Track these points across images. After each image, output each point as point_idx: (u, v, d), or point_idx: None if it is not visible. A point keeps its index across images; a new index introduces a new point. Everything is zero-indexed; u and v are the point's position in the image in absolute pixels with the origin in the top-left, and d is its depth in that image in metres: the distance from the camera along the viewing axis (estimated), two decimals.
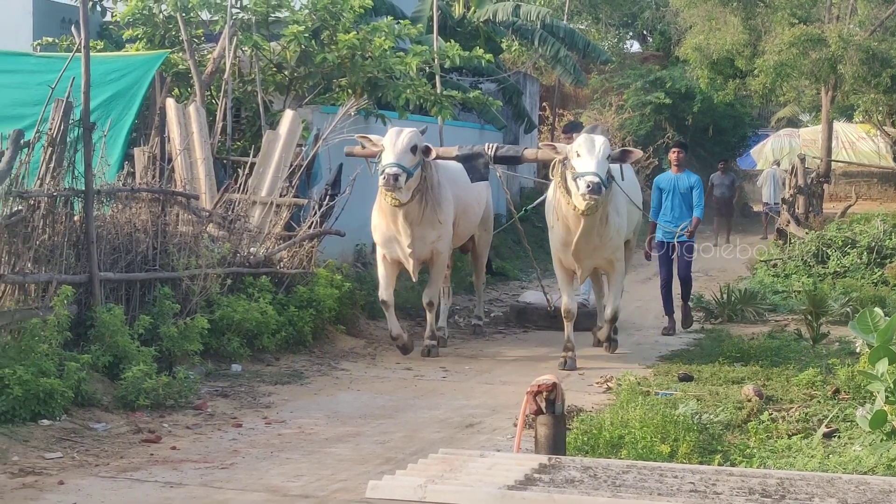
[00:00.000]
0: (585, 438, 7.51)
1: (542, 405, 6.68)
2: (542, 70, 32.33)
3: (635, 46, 40.97)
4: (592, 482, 4.62)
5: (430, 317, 12.51)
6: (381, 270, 12.18)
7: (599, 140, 10.82)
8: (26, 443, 8.03)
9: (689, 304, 14.75)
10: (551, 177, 11.47)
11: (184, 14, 14.41)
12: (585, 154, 10.65)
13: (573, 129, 13.70)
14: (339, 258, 15.09)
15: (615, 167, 11.38)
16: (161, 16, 14.80)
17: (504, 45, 30.29)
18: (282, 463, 7.91)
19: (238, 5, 14.86)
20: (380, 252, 12.22)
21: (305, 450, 8.30)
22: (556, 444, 6.64)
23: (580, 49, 25.68)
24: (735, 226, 28.68)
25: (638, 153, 11.61)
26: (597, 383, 10.82)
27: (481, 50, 16.56)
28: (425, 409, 9.77)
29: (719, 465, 7.09)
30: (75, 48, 10.83)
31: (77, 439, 8.31)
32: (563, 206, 11.18)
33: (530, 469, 4.82)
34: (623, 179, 11.61)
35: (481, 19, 24.27)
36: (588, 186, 10.46)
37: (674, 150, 14.58)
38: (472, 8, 24.74)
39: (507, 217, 18.40)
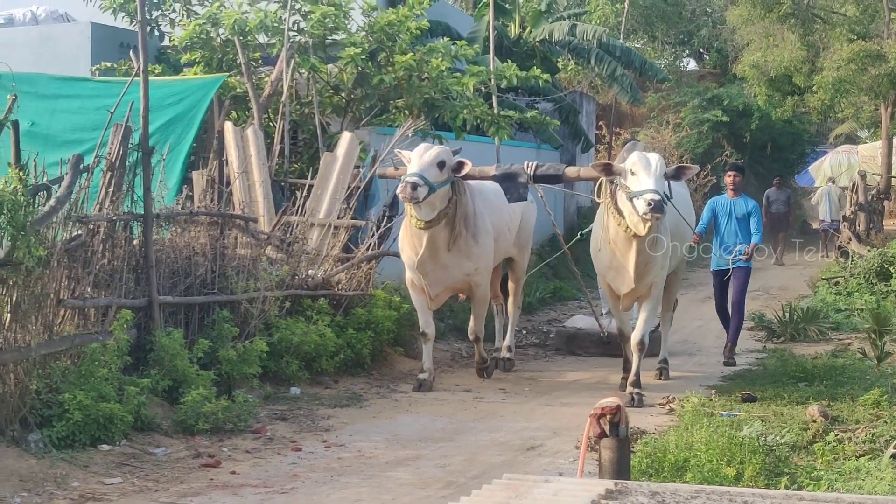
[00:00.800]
0: (650, 462, 7.38)
1: (606, 428, 6.55)
2: (599, 89, 32.22)
3: (692, 64, 40.73)
4: None
5: (477, 348, 12.22)
6: (414, 298, 11.78)
7: (654, 157, 10.37)
8: (86, 468, 8.03)
9: (736, 340, 13.58)
10: (596, 199, 10.95)
11: (241, 38, 14.45)
12: (642, 172, 10.16)
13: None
14: (398, 280, 15.01)
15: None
16: (218, 39, 14.86)
17: (560, 65, 30.22)
18: (342, 487, 7.85)
19: (295, 28, 14.89)
20: (408, 277, 11.72)
21: (365, 474, 8.23)
22: (621, 468, 6.50)
23: (636, 67, 25.55)
24: (792, 243, 28.29)
25: (693, 169, 11.17)
26: (659, 404, 10.66)
27: (538, 70, 16.45)
28: (485, 431, 9.67)
29: (786, 488, 6.94)
30: (133, 73, 10.89)
31: (137, 464, 8.29)
32: (613, 228, 10.67)
33: (597, 495, 4.69)
34: (671, 198, 10.85)
35: (537, 39, 24.22)
36: (650, 204, 9.93)
37: (730, 173, 13.79)
38: (529, 28, 24.70)
39: (553, 239, 18.00)
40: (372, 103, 15.15)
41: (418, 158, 10.75)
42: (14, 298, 8.33)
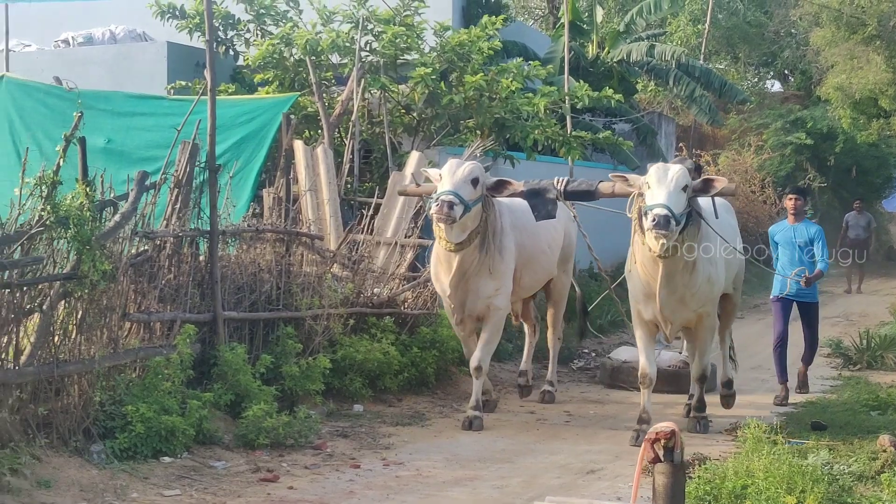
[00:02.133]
0: (708, 488, 7.27)
1: (661, 453, 6.49)
2: (679, 110, 31.99)
3: (776, 86, 40.28)
4: None
5: (475, 384, 10.76)
6: (458, 332, 11.14)
7: (674, 168, 9.37)
8: (146, 479, 8.11)
9: (808, 370, 12.99)
10: (628, 215, 9.94)
11: (313, 57, 14.58)
12: (655, 184, 9.25)
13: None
14: None
15: (708, 207, 9.95)
16: (291, 59, 15.00)
17: (640, 86, 30.08)
18: None
19: (367, 48, 14.99)
20: (446, 305, 10.97)
21: (422, 493, 8.23)
22: (675, 494, 6.44)
23: (716, 88, 25.34)
24: (875, 270, 27.67)
25: (722, 182, 9.63)
26: (726, 431, 10.52)
27: (611, 90, 16.38)
28: (546, 453, 9.61)
29: None
30: (200, 91, 11.02)
31: (196, 477, 8.36)
32: (639, 248, 9.77)
33: None
34: (717, 218, 10.01)
35: (615, 59, 24.14)
36: (653, 220, 9.02)
37: (790, 196, 12.73)
38: (607, 48, 24.63)
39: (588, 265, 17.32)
40: (442, 123, 15.19)
41: (451, 175, 10.11)
42: (79, 311, 8.47)
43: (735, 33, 34.61)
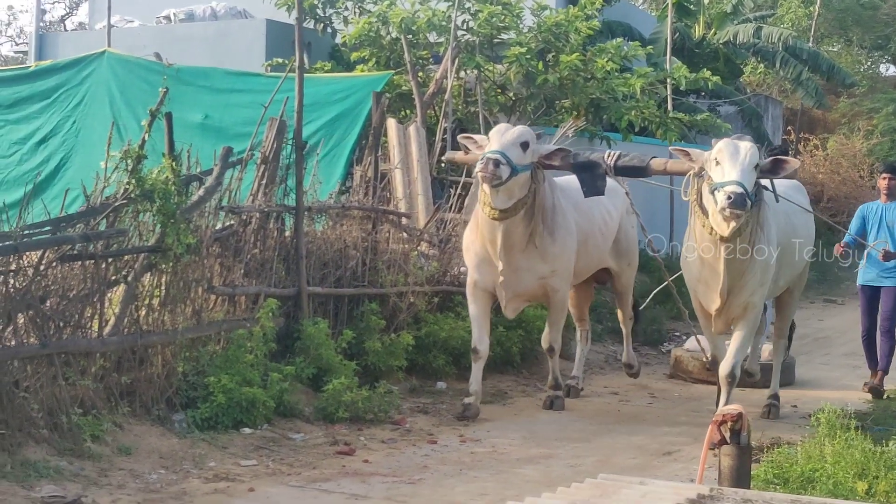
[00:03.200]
0: (777, 472, 7.20)
1: (727, 435, 6.44)
2: (788, 93, 31.46)
3: (891, 70, 39.35)
4: None
5: (551, 363, 10.64)
6: (472, 307, 10.29)
7: (746, 145, 8.70)
8: (225, 449, 8.28)
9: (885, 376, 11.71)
10: (684, 197, 9.34)
11: (409, 36, 14.65)
12: (727, 161, 8.55)
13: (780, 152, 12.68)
14: None
15: (768, 193, 9.30)
16: (388, 38, 15.10)
17: (749, 68, 29.66)
18: (468, 481, 7.91)
19: (464, 27, 15.01)
20: (470, 279, 10.26)
21: (494, 469, 8.27)
22: (740, 476, 6.38)
23: (824, 72, 24.86)
24: None
25: (794, 164, 9.08)
26: (809, 416, 10.37)
27: (708, 72, 16.20)
28: (624, 434, 9.58)
29: None
30: (288, 68, 11.16)
31: (274, 448, 8.51)
32: (699, 230, 9.07)
33: (685, 499, 4.63)
34: (777, 202, 9.41)
35: (721, 41, 23.84)
36: (729, 198, 8.30)
37: (884, 175, 11.85)
38: (713, 29, 24.33)
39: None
40: (538, 103, 15.17)
41: (499, 136, 9.45)
42: (164, 283, 8.67)
43: (848, 16, 33.86)
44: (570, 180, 10.40)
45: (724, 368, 9.46)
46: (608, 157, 10.00)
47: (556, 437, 9.39)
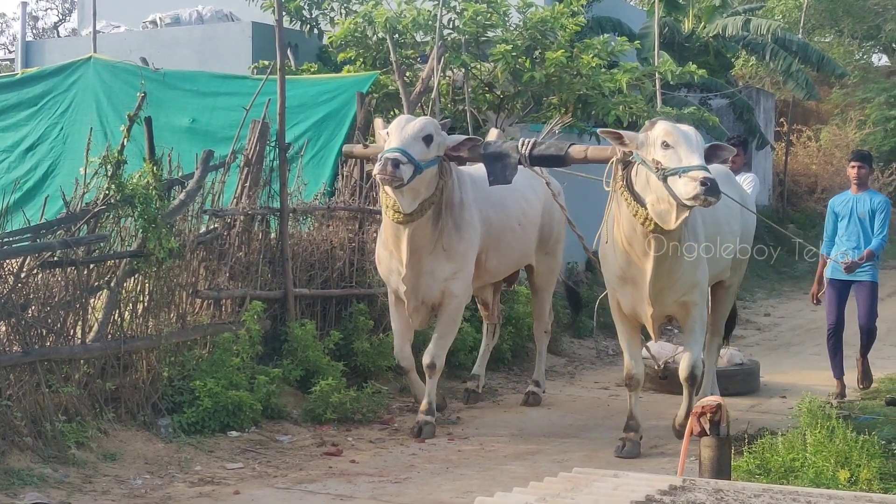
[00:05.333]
0: (758, 462, 7.21)
1: (706, 426, 6.45)
2: (780, 85, 31.44)
3: (883, 60, 39.29)
4: None
5: (429, 383, 9.38)
6: (393, 319, 9.56)
7: (691, 128, 7.91)
8: (211, 453, 8.30)
9: (868, 358, 11.28)
10: (606, 187, 8.38)
11: (395, 35, 14.63)
12: (682, 144, 7.62)
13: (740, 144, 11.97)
14: None
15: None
16: (374, 38, 15.08)
17: (741, 61, 29.63)
18: (455, 479, 7.93)
19: (450, 26, 14.99)
20: (390, 291, 9.51)
21: (481, 466, 8.29)
22: (720, 467, 6.38)
23: (814, 63, 24.83)
24: None
25: (730, 150, 8.33)
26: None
27: (695, 66, 16.18)
28: (612, 429, 9.57)
29: None
30: (268, 70, 11.17)
31: (261, 451, 8.53)
32: (627, 222, 8.15)
33: (657, 490, 4.62)
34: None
35: (710, 34, 23.81)
36: (704, 184, 7.37)
37: (853, 164, 11.13)
38: (703, 23, 24.31)
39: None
40: (525, 100, 15.15)
41: (399, 131, 8.59)
42: (147, 288, 8.67)
43: (838, 6, 33.81)
44: (480, 168, 9.53)
45: (683, 370, 8.89)
46: (523, 145, 9.03)
47: (544, 433, 9.41)
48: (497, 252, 9.75)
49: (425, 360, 9.37)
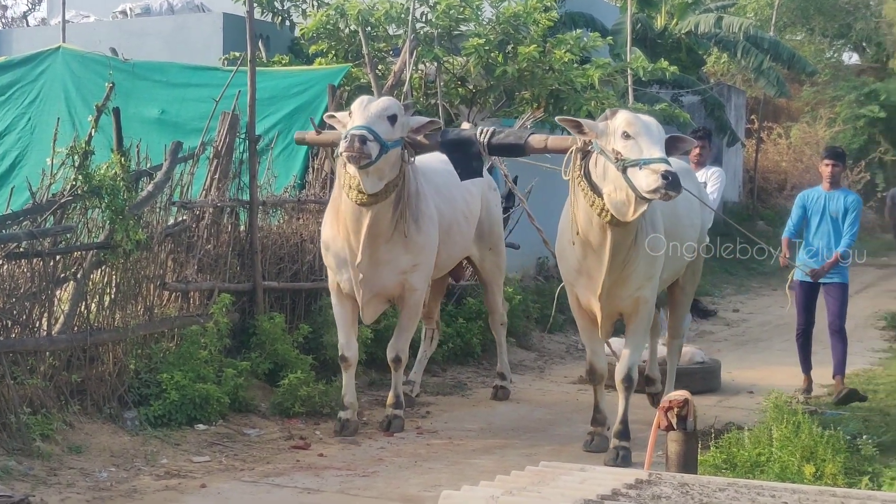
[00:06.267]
0: (725, 456, 7.23)
1: (673, 421, 6.46)
2: (751, 82, 31.58)
3: (854, 58, 39.52)
4: (681, 499, 4.40)
5: (395, 377, 9.35)
6: (337, 310, 9.18)
7: (653, 119, 7.72)
8: (178, 446, 8.25)
9: (844, 379, 10.63)
10: (564, 177, 8.00)
11: (367, 28, 14.59)
12: (644, 135, 7.42)
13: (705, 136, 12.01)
14: (521, 271, 15.02)
15: None
16: (346, 30, 15.03)
17: (713, 58, 29.73)
18: (423, 472, 7.92)
19: (423, 19, 14.96)
20: (332, 281, 9.15)
21: (450, 460, 8.29)
22: (687, 462, 6.39)
23: (785, 61, 24.95)
24: None
25: (690, 142, 8.20)
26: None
27: (666, 62, 16.22)
28: (581, 423, 9.55)
29: (867, 488, 6.72)
30: (238, 62, 11.11)
31: (228, 444, 8.49)
32: (583, 213, 7.89)
33: (622, 484, 4.63)
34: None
35: (683, 31, 23.90)
36: (665, 178, 7.16)
37: (827, 161, 10.88)
38: (675, 20, 24.39)
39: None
40: (497, 94, 15.14)
41: (362, 110, 8.30)
42: (114, 280, 8.61)
43: (810, 4, 34.03)
44: (430, 160, 9.50)
45: (619, 373, 8.54)
46: (481, 134, 8.75)
47: (512, 427, 9.41)
48: (446, 245, 9.54)
49: (390, 353, 9.28)
